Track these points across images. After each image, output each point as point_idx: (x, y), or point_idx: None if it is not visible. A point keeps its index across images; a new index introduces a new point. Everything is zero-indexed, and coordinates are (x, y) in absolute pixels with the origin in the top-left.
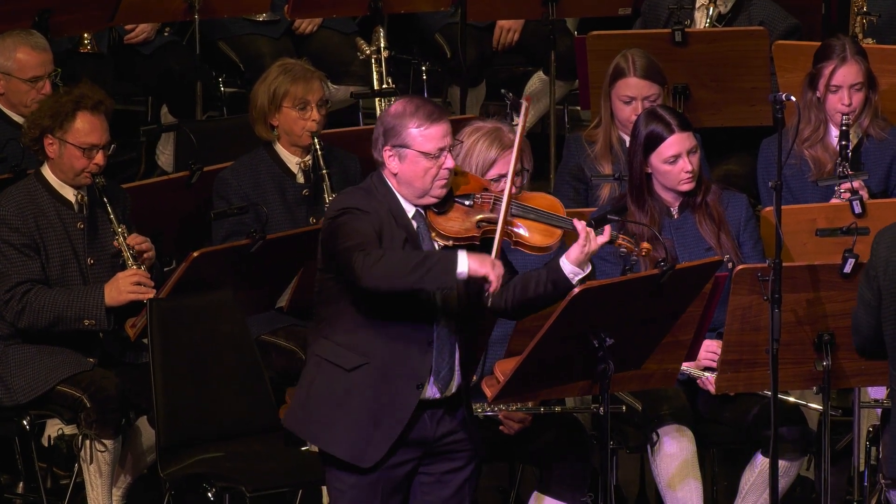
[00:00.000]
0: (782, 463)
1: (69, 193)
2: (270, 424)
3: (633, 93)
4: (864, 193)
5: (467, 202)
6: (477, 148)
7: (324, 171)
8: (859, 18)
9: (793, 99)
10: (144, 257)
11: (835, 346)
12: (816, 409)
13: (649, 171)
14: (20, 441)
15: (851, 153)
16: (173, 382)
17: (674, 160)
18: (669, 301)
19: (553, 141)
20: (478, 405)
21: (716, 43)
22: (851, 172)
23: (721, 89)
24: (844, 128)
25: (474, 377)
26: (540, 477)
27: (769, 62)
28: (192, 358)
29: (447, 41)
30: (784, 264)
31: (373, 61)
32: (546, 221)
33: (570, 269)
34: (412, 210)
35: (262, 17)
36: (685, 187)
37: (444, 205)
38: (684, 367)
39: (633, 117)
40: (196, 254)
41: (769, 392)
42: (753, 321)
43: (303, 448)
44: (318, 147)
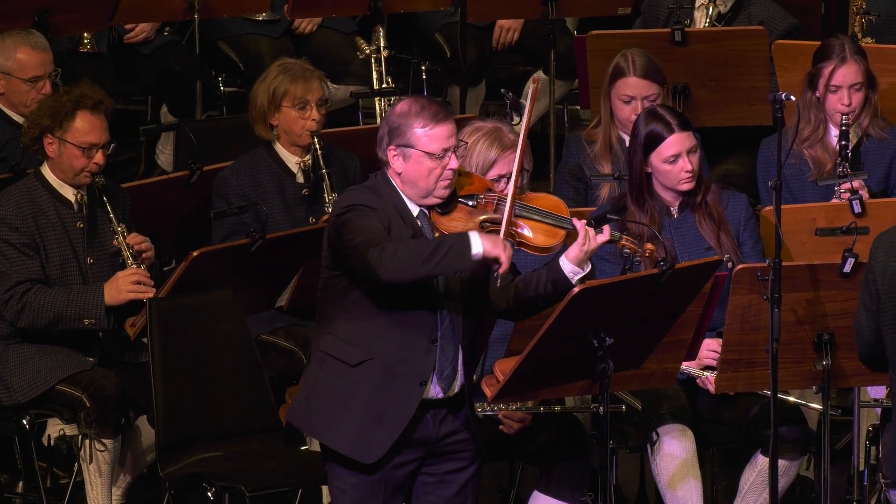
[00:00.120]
0: (782, 462)
1: (69, 193)
2: (270, 424)
3: (633, 92)
4: (864, 193)
5: (471, 202)
6: (477, 148)
7: (323, 171)
8: (858, 18)
9: (792, 98)
10: (143, 257)
11: (834, 346)
12: (816, 409)
13: (649, 171)
14: (20, 441)
15: (851, 153)
16: (173, 382)
17: (674, 160)
18: (669, 300)
19: (553, 140)
20: (477, 405)
21: (715, 42)
22: (851, 172)
23: (721, 89)
24: (844, 127)
25: (474, 377)
26: (540, 476)
27: (769, 62)
28: (192, 357)
29: (447, 41)
30: (784, 264)
31: (372, 61)
32: (549, 222)
33: (570, 269)
34: (416, 210)
35: (262, 17)
36: (685, 187)
37: (448, 205)
38: (684, 367)
39: (633, 117)
40: (196, 253)
41: (769, 392)
42: (753, 321)
43: (302, 448)
44: (318, 147)
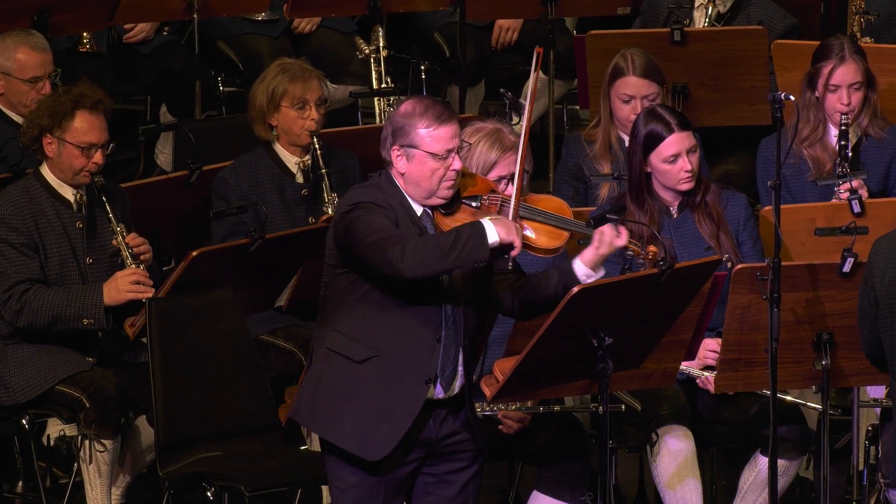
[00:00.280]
0: (781, 462)
1: (68, 193)
2: (270, 424)
3: (633, 91)
4: (864, 192)
5: (474, 204)
6: (478, 150)
7: (323, 171)
8: (858, 18)
9: (792, 98)
10: (141, 259)
11: (834, 346)
12: (815, 409)
13: (649, 171)
14: (19, 441)
15: (850, 153)
16: (172, 382)
17: (673, 159)
18: (668, 300)
19: (552, 140)
20: (477, 404)
21: (715, 42)
22: (850, 172)
23: (720, 89)
24: (843, 127)
25: (473, 377)
26: (539, 476)
27: (768, 61)
28: (192, 357)
29: (446, 40)
30: (783, 263)
31: (372, 61)
32: (553, 223)
33: (583, 272)
34: (420, 210)
35: (261, 17)
36: (684, 187)
37: (452, 206)
38: (684, 367)
39: (633, 116)
40: (195, 253)
41: (768, 391)
42: (752, 320)
43: (302, 447)
44: (317, 146)
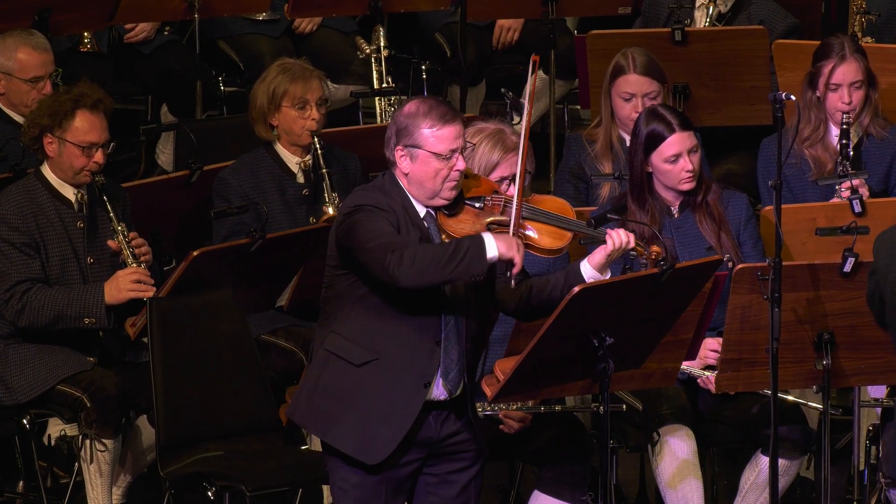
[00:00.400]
0: (782, 462)
1: (69, 192)
2: (270, 424)
3: (633, 89)
4: (865, 191)
5: (477, 204)
6: (480, 150)
7: (324, 171)
8: (859, 17)
9: (793, 98)
10: (141, 260)
11: (835, 346)
12: (816, 409)
13: (650, 171)
14: (20, 440)
15: (852, 151)
16: (173, 381)
17: (674, 159)
18: (669, 300)
19: (553, 140)
20: (478, 404)
21: (716, 42)
22: (852, 171)
23: (721, 88)
24: (845, 126)
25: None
26: (540, 476)
27: (769, 61)
28: (192, 357)
29: (447, 40)
30: (784, 263)
31: (373, 60)
32: (556, 224)
33: (591, 274)
34: (423, 211)
35: (262, 17)
36: (686, 186)
37: (455, 207)
38: (684, 367)
39: (634, 115)
40: (196, 253)
41: (769, 391)
42: (753, 320)
43: (303, 447)
44: (318, 146)
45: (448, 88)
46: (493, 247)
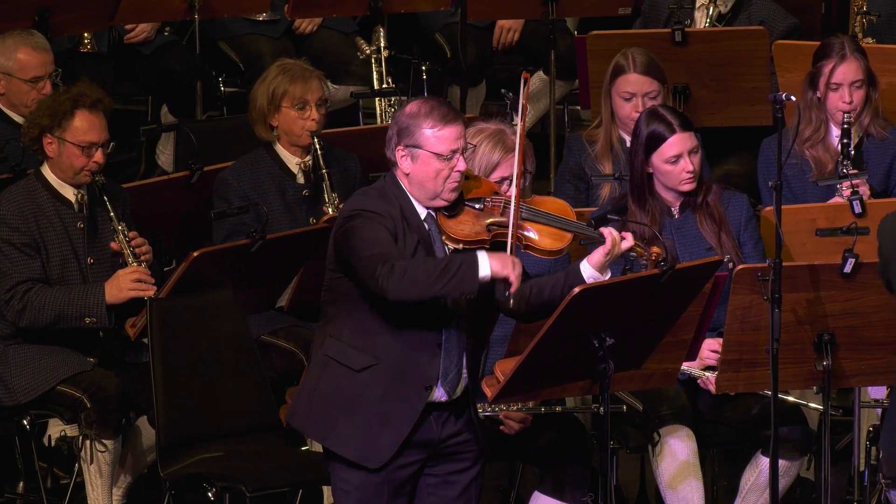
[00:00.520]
0: (782, 463)
1: (69, 193)
2: (270, 424)
3: (634, 89)
4: (865, 190)
5: (478, 205)
6: (480, 151)
7: (324, 171)
8: (859, 18)
9: (793, 99)
10: (142, 259)
11: (835, 346)
12: (816, 409)
13: (650, 171)
14: (20, 441)
15: (853, 151)
16: (173, 382)
17: (675, 160)
18: (669, 301)
19: (553, 141)
20: (478, 405)
21: (716, 43)
22: (853, 171)
23: (721, 89)
24: (846, 126)
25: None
26: (540, 477)
27: (769, 62)
28: (193, 357)
29: (447, 41)
30: (784, 264)
31: (373, 61)
32: (556, 225)
33: (590, 274)
34: (424, 212)
35: (262, 17)
36: (686, 187)
37: (455, 208)
38: (685, 367)
39: (634, 115)
40: (196, 253)
41: (769, 392)
42: (753, 321)
43: (303, 448)
44: (318, 147)
45: (448, 89)
46: (486, 265)
